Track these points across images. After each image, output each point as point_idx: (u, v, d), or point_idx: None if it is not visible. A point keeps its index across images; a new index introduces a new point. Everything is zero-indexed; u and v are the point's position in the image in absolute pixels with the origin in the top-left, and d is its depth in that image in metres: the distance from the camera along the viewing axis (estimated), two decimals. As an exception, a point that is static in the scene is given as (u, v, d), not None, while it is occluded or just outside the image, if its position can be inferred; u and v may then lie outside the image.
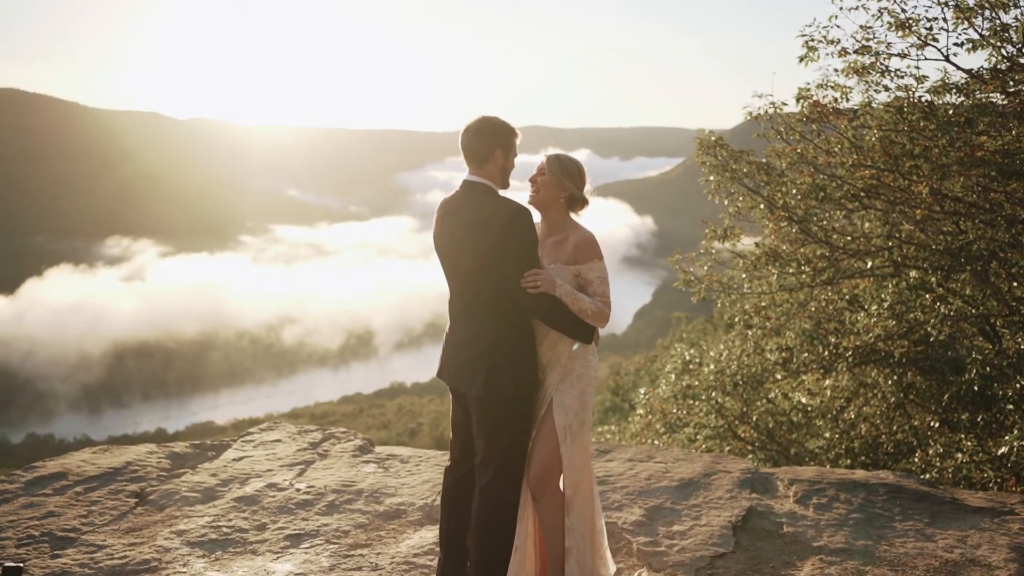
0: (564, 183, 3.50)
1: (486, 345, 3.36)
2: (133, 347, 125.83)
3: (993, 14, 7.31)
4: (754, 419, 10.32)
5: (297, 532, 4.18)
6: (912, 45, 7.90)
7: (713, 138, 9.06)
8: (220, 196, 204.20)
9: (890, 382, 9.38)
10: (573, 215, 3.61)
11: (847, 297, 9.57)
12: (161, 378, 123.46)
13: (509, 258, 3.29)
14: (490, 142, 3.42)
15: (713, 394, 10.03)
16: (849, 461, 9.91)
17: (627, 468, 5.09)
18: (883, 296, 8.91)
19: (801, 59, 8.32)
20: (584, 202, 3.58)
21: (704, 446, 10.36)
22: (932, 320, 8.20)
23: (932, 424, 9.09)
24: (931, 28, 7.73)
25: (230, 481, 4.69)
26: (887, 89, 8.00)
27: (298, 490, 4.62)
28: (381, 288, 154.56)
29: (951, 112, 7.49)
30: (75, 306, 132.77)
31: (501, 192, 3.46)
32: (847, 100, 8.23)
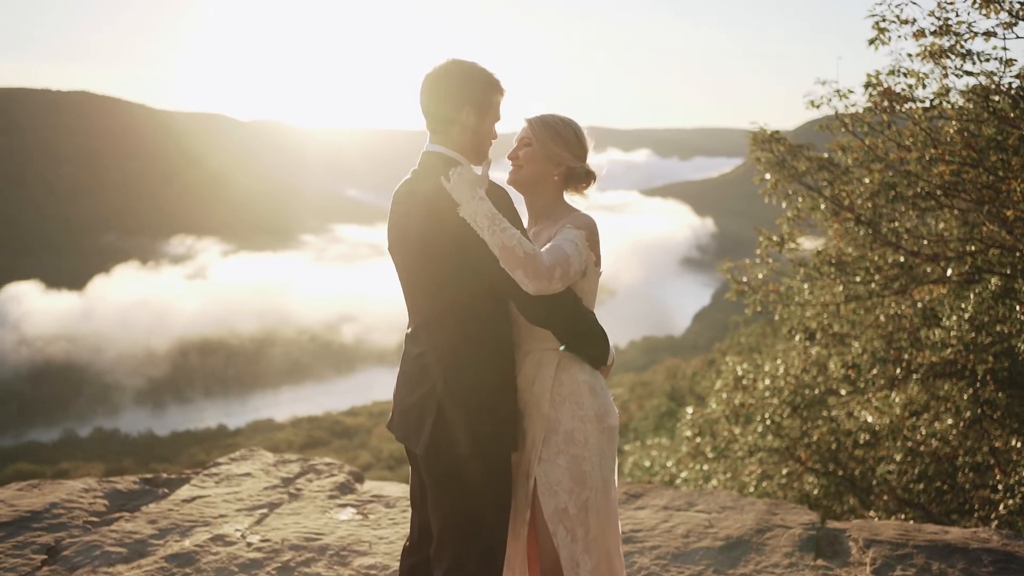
0: (556, 153, 2.46)
1: (436, 382, 2.37)
2: (196, 344, 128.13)
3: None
4: (815, 439, 9.35)
5: (233, 605, 3.37)
6: (1000, 24, 6.89)
7: (769, 132, 8.19)
8: (282, 197, 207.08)
9: (965, 396, 8.34)
10: (570, 198, 2.55)
11: (921, 308, 8.55)
12: (223, 375, 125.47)
13: (469, 255, 2.28)
14: (456, 97, 2.38)
15: (768, 414, 9.07)
16: (923, 486, 8.92)
17: (661, 520, 4.17)
18: (963, 306, 7.88)
19: (871, 42, 7.37)
20: (588, 176, 2.53)
21: (759, 470, 9.43)
22: (1022, 334, 7.16)
23: (1016, 445, 8.05)
24: (1025, 2, 6.73)
25: (169, 531, 3.88)
26: (969, 74, 7.02)
27: (249, 545, 3.79)
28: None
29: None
30: (141, 303, 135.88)
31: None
32: (923, 87, 7.26)
